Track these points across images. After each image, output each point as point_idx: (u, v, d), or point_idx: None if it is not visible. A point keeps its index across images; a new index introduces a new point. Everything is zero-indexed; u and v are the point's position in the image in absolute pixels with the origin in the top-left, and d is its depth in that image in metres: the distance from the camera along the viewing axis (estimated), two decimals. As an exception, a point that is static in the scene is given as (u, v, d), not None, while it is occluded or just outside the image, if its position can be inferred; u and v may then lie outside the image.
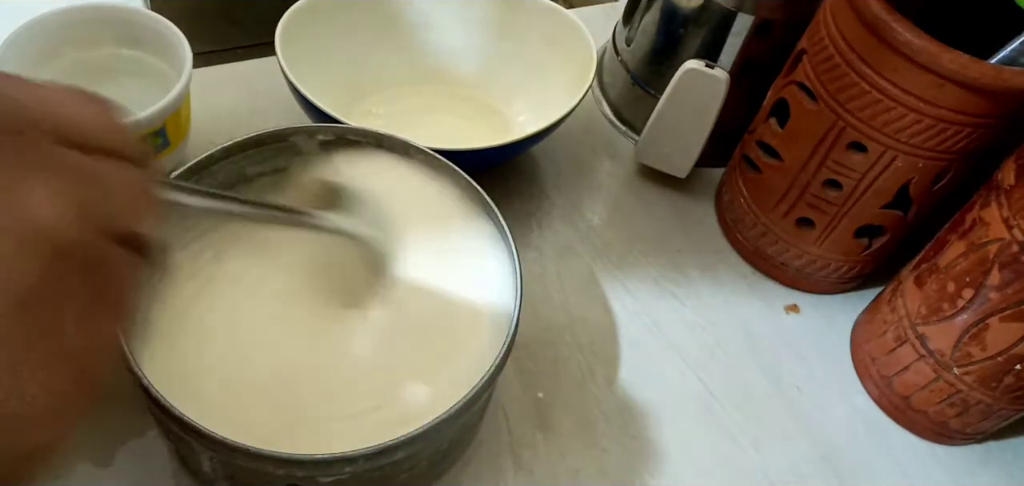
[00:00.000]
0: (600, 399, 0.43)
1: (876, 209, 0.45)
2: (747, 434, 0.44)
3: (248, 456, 0.29)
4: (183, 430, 0.30)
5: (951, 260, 0.41)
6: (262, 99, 0.54)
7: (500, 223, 0.38)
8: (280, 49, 0.46)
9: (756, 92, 0.50)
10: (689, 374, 0.46)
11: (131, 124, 0.21)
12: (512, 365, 0.44)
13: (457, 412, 0.32)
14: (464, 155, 0.42)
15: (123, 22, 0.46)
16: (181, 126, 0.45)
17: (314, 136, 0.42)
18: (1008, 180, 0.38)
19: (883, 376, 0.46)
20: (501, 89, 0.56)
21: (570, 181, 0.54)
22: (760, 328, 0.49)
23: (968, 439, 0.46)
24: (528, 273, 0.48)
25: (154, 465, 0.37)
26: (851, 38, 0.40)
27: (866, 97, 0.40)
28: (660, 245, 0.52)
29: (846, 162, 0.43)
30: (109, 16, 0.45)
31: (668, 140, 0.51)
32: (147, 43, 0.46)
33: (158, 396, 0.30)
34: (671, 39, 0.53)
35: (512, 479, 0.40)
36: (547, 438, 0.41)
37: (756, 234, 0.51)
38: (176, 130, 0.44)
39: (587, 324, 0.47)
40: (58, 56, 0.45)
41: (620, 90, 0.59)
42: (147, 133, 0.42)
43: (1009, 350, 0.39)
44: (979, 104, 0.38)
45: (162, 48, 0.46)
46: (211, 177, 0.40)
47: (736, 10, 0.48)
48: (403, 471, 0.34)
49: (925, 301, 0.42)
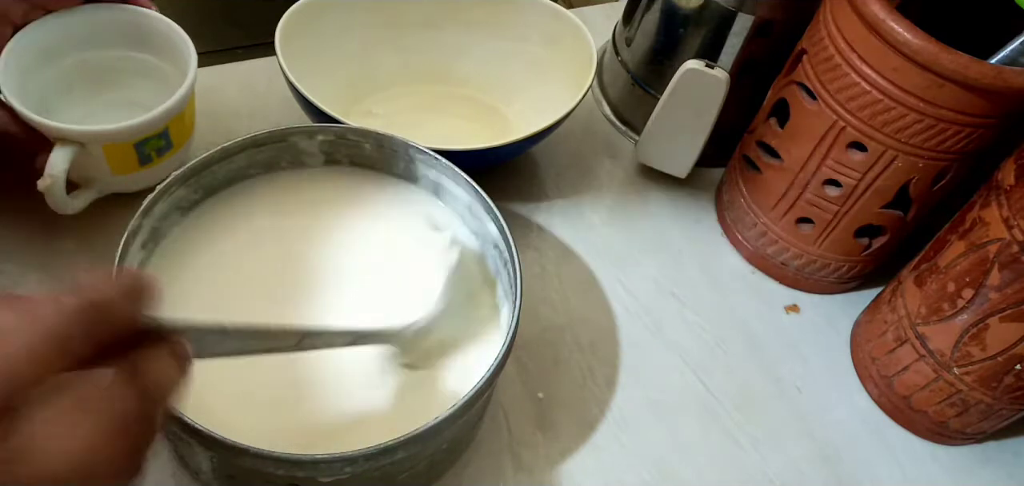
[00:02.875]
0: (600, 399, 0.43)
1: (876, 209, 0.45)
2: (747, 434, 0.44)
3: (248, 456, 0.29)
4: (183, 430, 0.30)
5: (951, 260, 0.41)
6: (262, 99, 0.54)
7: (500, 223, 0.38)
8: (280, 49, 0.46)
9: (756, 92, 0.50)
10: (689, 374, 0.46)
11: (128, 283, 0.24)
12: (512, 365, 0.44)
13: (457, 412, 0.32)
14: (464, 155, 0.42)
15: (129, 23, 0.45)
16: (185, 128, 0.44)
17: (314, 136, 0.42)
18: (1008, 180, 0.38)
19: (883, 376, 0.46)
20: (501, 89, 0.56)
21: (570, 181, 0.54)
22: (760, 328, 0.49)
23: (968, 439, 0.46)
24: (528, 273, 0.48)
25: (154, 465, 0.37)
26: (851, 38, 0.40)
27: (866, 97, 0.40)
28: (660, 245, 0.52)
29: (846, 162, 0.43)
30: (114, 17, 0.45)
31: (668, 140, 0.51)
32: (152, 44, 0.46)
33: (158, 396, 0.30)
34: (671, 39, 0.53)
35: (512, 479, 0.40)
36: (547, 438, 0.41)
37: (756, 234, 0.51)
38: (179, 132, 0.44)
39: (587, 324, 0.47)
40: (61, 57, 0.45)
41: (620, 90, 0.59)
42: (150, 136, 0.41)
43: (1009, 350, 0.39)
44: (979, 104, 0.38)
45: (167, 50, 0.45)
46: (211, 177, 0.40)
47: (736, 10, 0.48)
48: (403, 471, 0.34)
49: (925, 301, 0.42)
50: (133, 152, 0.41)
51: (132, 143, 0.41)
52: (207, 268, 0.38)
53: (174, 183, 0.37)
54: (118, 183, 0.43)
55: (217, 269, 0.39)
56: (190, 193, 0.39)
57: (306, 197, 0.42)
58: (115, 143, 0.41)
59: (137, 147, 0.41)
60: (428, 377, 0.37)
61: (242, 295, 0.38)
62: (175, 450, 0.36)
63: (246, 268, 0.39)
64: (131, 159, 0.42)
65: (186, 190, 0.39)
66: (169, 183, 0.37)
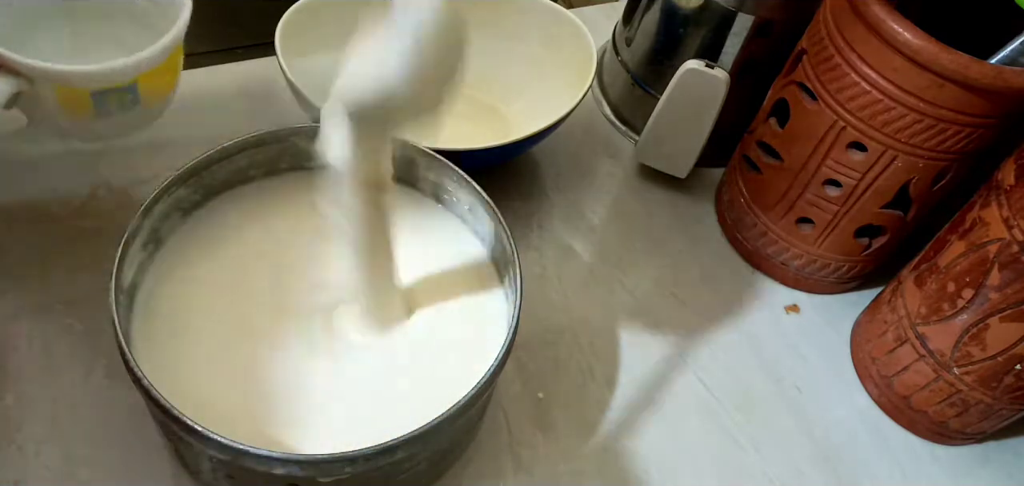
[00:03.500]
0: (600, 399, 0.43)
1: (876, 209, 0.45)
2: (747, 434, 0.44)
3: (248, 456, 0.29)
4: (183, 430, 0.30)
5: (951, 260, 0.41)
6: (262, 99, 0.54)
7: (500, 223, 0.38)
8: (280, 49, 0.46)
9: (756, 92, 0.50)
10: (689, 374, 0.46)
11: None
12: (512, 365, 0.44)
13: (457, 412, 0.32)
14: (464, 155, 0.42)
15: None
16: (158, 88, 0.41)
17: (314, 136, 0.42)
18: (1008, 180, 0.38)
19: (883, 376, 0.46)
20: (501, 89, 0.56)
21: (570, 181, 0.54)
22: (760, 328, 0.49)
23: (968, 439, 0.46)
24: (528, 273, 0.48)
25: (154, 465, 0.37)
26: (851, 38, 0.40)
27: (866, 97, 0.40)
28: (660, 245, 0.52)
29: (846, 162, 0.43)
30: None
31: (668, 140, 0.51)
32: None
33: (158, 396, 0.30)
34: (671, 39, 0.53)
35: (512, 479, 0.40)
36: (547, 438, 0.41)
37: (756, 234, 0.51)
38: (151, 91, 0.41)
39: (587, 324, 0.47)
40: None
41: (620, 90, 0.59)
42: (110, 88, 0.38)
43: (1009, 350, 0.39)
44: (979, 104, 0.38)
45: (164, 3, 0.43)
46: (211, 177, 0.40)
47: (736, 10, 0.48)
48: (403, 471, 0.34)
49: (925, 301, 0.42)
50: (89, 100, 0.38)
51: (88, 91, 0.38)
52: (209, 270, 0.38)
53: (174, 183, 0.37)
54: (70, 129, 0.40)
55: (219, 271, 0.39)
56: (190, 193, 0.39)
57: (307, 198, 0.42)
58: (69, 87, 0.37)
59: (95, 96, 0.38)
60: (428, 376, 0.37)
61: (244, 296, 0.38)
62: (175, 450, 0.36)
63: (248, 270, 0.39)
64: (86, 107, 0.39)
65: (186, 190, 0.39)
66: (169, 183, 0.37)
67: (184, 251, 0.39)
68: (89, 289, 0.42)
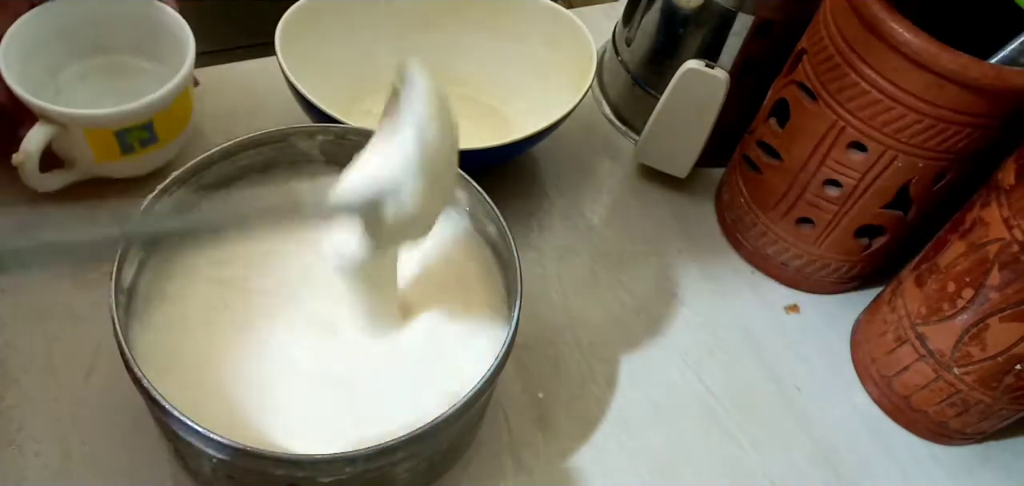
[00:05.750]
0: (600, 399, 0.43)
1: (876, 209, 0.45)
2: (747, 434, 0.44)
3: (248, 456, 0.29)
4: (183, 430, 0.30)
5: (951, 260, 0.41)
6: (262, 99, 0.54)
7: (500, 223, 0.38)
8: (280, 49, 0.46)
9: (756, 92, 0.50)
10: (689, 374, 0.46)
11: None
12: (512, 365, 0.44)
13: (457, 412, 0.32)
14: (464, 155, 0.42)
15: (141, 15, 0.47)
16: (174, 123, 0.45)
17: (314, 136, 0.42)
18: (1008, 180, 0.38)
19: (883, 376, 0.46)
20: (501, 89, 0.56)
21: (570, 181, 0.54)
22: (760, 328, 0.49)
23: (968, 439, 0.46)
24: (528, 273, 0.48)
25: (154, 465, 0.37)
26: (851, 38, 0.40)
27: (866, 97, 0.40)
28: (660, 245, 0.52)
29: (846, 162, 0.43)
30: (127, 10, 0.46)
31: (668, 140, 0.51)
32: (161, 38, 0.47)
33: (158, 396, 0.30)
34: (671, 39, 0.53)
35: (512, 479, 0.40)
36: (547, 438, 0.41)
37: (756, 234, 0.51)
38: (167, 127, 0.44)
39: (587, 324, 0.47)
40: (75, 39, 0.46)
41: (620, 90, 0.59)
42: (131, 126, 0.42)
43: (1009, 350, 0.39)
44: (979, 104, 0.38)
45: (171, 45, 0.46)
46: (211, 177, 0.40)
47: (736, 10, 0.48)
48: (403, 471, 0.34)
49: (925, 301, 0.42)
50: (114, 140, 0.42)
51: (112, 131, 0.42)
52: (209, 270, 0.38)
53: (173, 183, 0.37)
54: (99, 169, 0.44)
55: (219, 271, 0.39)
56: (190, 193, 0.39)
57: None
58: (95, 128, 0.41)
59: (119, 135, 0.42)
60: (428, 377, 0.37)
61: (244, 296, 0.38)
62: (175, 450, 0.36)
63: (246, 268, 0.39)
64: (112, 147, 0.43)
65: (185, 190, 0.39)
66: (168, 183, 0.37)
67: (184, 251, 0.39)
68: (89, 289, 0.42)
